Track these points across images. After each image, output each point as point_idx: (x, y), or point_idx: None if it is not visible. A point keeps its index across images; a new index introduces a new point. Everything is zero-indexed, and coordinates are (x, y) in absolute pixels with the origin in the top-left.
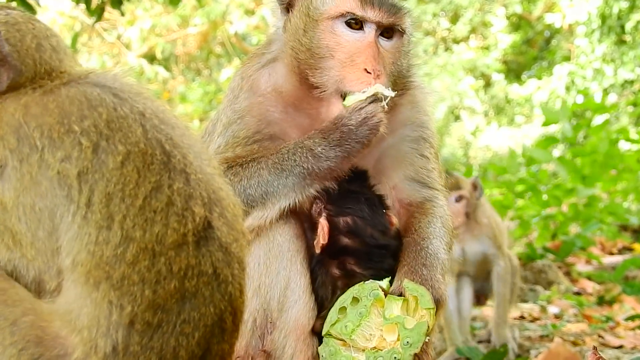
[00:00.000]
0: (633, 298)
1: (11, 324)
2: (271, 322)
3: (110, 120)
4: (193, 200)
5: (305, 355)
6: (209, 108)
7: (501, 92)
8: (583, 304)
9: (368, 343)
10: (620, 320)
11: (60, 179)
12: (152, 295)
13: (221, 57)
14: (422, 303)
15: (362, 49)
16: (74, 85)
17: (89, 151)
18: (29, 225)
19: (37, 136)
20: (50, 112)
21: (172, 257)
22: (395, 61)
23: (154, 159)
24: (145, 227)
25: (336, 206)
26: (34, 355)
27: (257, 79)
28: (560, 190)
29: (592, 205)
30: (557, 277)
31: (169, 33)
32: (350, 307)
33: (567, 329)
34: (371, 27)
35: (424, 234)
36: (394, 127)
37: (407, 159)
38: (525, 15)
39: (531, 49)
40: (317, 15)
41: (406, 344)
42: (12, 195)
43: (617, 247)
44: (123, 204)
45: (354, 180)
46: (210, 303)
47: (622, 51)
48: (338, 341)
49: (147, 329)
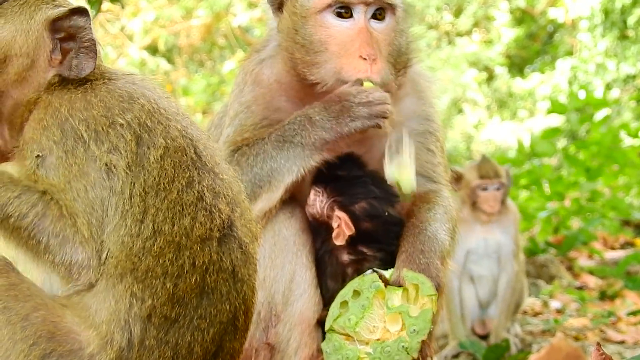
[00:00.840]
0: (635, 293)
1: (22, 319)
2: (275, 315)
3: (153, 112)
4: (219, 198)
5: (310, 349)
6: (212, 100)
7: (504, 86)
8: (585, 298)
9: (372, 335)
10: (622, 315)
11: (109, 170)
12: (173, 288)
13: (224, 49)
14: (424, 290)
15: (354, 36)
16: (112, 82)
17: (133, 144)
18: (84, 208)
19: (82, 129)
20: (93, 106)
21: (196, 251)
22: (391, 41)
23: (188, 156)
24: (174, 220)
25: (346, 196)
26: (45, 350)
27: (260, 72)
28: (562, 185)
29: (594, 200)
30: (559, 272)
31: (172, 25)
32: (351, 300)
33: (569, 324)
34: (360, 12)
35: (423, 218)
36: (400, 119)
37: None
38: (528, 9)
39: (534, 43)
40: (305, 12)
41: (412, 331)
42: (62, 180)
43: (619, 242)
44: (157, 197)
45: (349, 165)
46: (227, 300)
47: (625, 46)
48: (341, 336)
49: (164, 323)
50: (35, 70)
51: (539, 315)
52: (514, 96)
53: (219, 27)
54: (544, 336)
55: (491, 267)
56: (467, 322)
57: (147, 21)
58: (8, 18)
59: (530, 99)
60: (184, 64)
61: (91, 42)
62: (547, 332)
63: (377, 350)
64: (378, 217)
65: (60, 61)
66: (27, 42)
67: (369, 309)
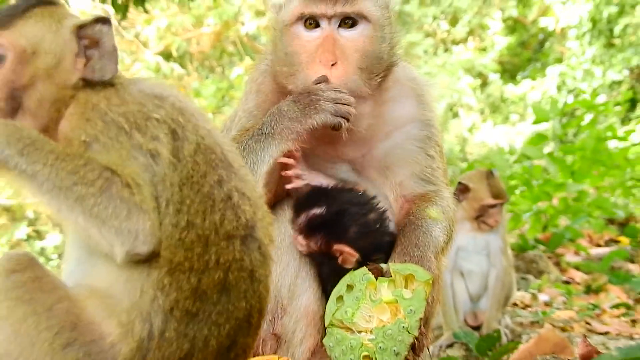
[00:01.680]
0: (618, 287)
1: (47, 310)
2: (282, 307)
3: (182, 110)
4: (244, 199)
5: (314, 339)
6: (222, 103)
7: (497, 91)
8: (571, 292)
9: (369, 324)
10: (606, 308)
11: (153, 156)
12: (197, 283)
13: (233, 56)
14: (419, 276)
15: (319, 45)
16: (141, 83)
17: (170, 137)
18: (144, 179)
19: (122, 121)
20: (129, 102)
21: (222, 248)
22: (363, 48)
23: (216, 156)
24: (205, 214)
25: (337, 230)
26: (68, 340)
27: (262, 81)
28: (550, 185)
29: (580, 200)
30: (547, 267)
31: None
32: (346, 294)
33: (557, 316)
34: (325, 22)
35: (420, 215)
36: (400, 123)
37: (414, 157)
38: (520, 18)
39: (526, 50)
40: (280, 25)
41: (410, 312)
42: (116, 160)
43: (604, 239)
44: (191, 190)
45: (323, 201)
46: (244, 298)
47: (611, 54)
48: (341, 329)
49: (184, 317)
50: (61, 70)
51: (528, 307)
52: (506, 101)
53: (228, 34)
54: (533, 327)
55: (481, 263)
56: (459, 315)
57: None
58: (39, 19)
59: (521, 104)
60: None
61: (113, 48)
62: (536, 324)
63: (379, 335)
64: (372, 231)
65: (85, 64)
66: (55, 42)
67: (363, 300)
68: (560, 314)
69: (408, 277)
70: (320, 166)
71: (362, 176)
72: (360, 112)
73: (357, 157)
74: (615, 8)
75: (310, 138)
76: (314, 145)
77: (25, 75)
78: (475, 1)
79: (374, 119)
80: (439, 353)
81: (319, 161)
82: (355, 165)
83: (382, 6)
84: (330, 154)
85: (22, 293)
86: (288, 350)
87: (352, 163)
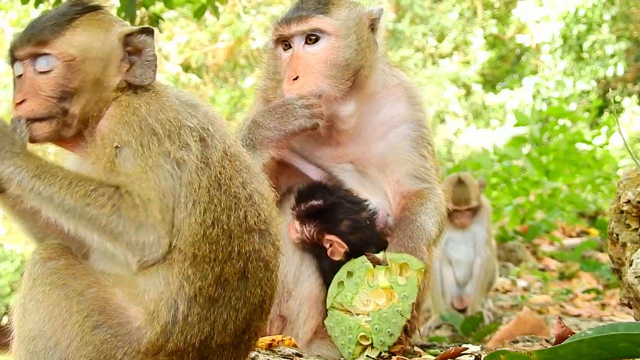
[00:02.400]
0: (589, 274)
1: (78, 294)
2: (287, 292)
3: (212, 119)
4: (262, 199)
5: (317, 321)
6: (235, 110)
7: (479, 100)
8: (547, 278)
9: (366, 307)
10: (578, 293)
11: (179, 164)
12: (220, 272)
13: (245, 68)
14: (412, 265)
15: (288, 63)
16: (177, 91)
17: (199, 145)
18: (157, 195)
19: (158, 127)
20: (166, 109)
21: (244, 240)
22: (326, 58)
23: (240, 163)
24: (230, 212)
25: (330, 221)
26: (97, 322)
27: (266, 92)
28: (527, 183)
29: (554, 196)
30: (525, 256)
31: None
32: (346, 280)
33: (534, 300)
34: (294, 42)
35: (415, 211)
36: (394, 124)
37: (409, 157)
38: (500, 35)
39: (505, 64)
40: (267, 48)
41: (404, 297)
42: (137, 170)
43: (576, 231)
44: (219, 191)
45: (322, 193)
46: (259, 285)
47: (580, 66)
48: (341, 311)
49: (207, 302)
50: (107, 74)
51: (508, 292)
52: (488, 108)
53: (240, 49)
54: (513, 310)
55: (467, 253)
56: (447, 299)
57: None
58: (87, 27)
59: (501, 111)
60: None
61: (153, 56)
62: (515, 307)
63: (375, 317)
64: (363, 227)
65: (127, 70)
66: (103, 49)
67: (361, 285)
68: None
69: (403, 265)
70: (325, 166)
71: (364, 174)
72: (343, 112)
73: (357, 156)
74: (584, 26)
75: (309, 141)
76: (315, 147)
77: (74, 80)
78: (459, 20)
79: (363, 117)
80: (428, 333)
81: (323, 162)
82: (357, 164)
83: (344, 18)
84: (332, 155)
85: (56, 279)
86: (293, 330)
87: (353, 163)
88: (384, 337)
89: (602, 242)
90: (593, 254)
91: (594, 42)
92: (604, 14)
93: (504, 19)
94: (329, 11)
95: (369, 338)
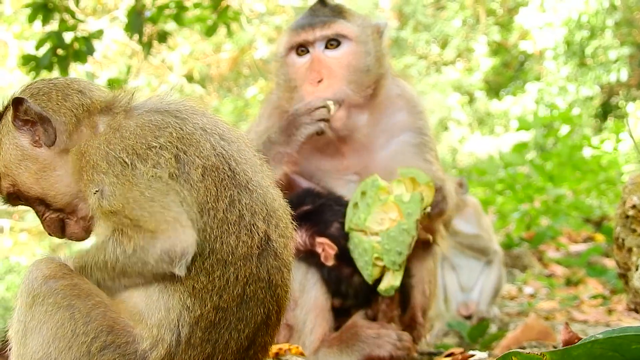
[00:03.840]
0: (595, 280)
1: (85, 316)
2: (294, 300)
3: (181, 137)
4: (257, 216)
5: (323, 329)
6: (239, 120)
7: (483, 107)
8: (553, 285)
9: (381, 226)
10: (585, 298)
11: (156, 179)
12: (218, 299)
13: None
14: (420, 179)
15: (308, 67)
16: (137, 116)
17: (173, 160)
18: (142, 207)
19: (124, 155)
20: (128, 138)
21: (240, 267)
22: (349, 63)
23: (225, 175)
24: (222, 239)
25: (320, 224)
26: (105, 342)
27: (272, 106)
28: (532, 189)
29: (559, 202)
30: (531, 262)
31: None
32: (360, 201)
33: (540, 306)
34: (312, 47)
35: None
36: (395, 132)
37: (414, 164)
38: (503, 42)
39: (508, 70)
40: (279, 57)
41: (408, 214)
42: (120, 200)
43: (582, 236)
44: (209, 216)
45: (311, 198)
46: (262, 305)
47: (583, 72)
48: (359, 232)
49: (208, 326)
50: (37, 160)
51: (514, 299)
52: (491, 115)
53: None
54: (519, 316)
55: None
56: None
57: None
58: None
59: (505, 118)
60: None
61: (37, 115)
62: (522, 313)
63: (384, 237)
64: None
65: (37, 140)
66: (15, 155)
67: (373, 205)
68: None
69: (412, 179)
70: (330, 179)
71: None
72: (357, 121)
73: (362, 167)
74: (587, 32)
75: (315, 154)
76: (321, 160)
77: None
78: (462, 27)
79: (371, 128)
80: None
81: (329, 175)
82: (362, 175)
83: (361, 25)
84: (337, 167)
85: (60, 299)
86: (300, 339)
87: (359, 174)
88: (394, 257)
89: (608, 247)
90: (599, 259)
91: (597, 48)
92: (607, 20)
93: (507, 26)
94: (347, 17)
95: (381, 258)
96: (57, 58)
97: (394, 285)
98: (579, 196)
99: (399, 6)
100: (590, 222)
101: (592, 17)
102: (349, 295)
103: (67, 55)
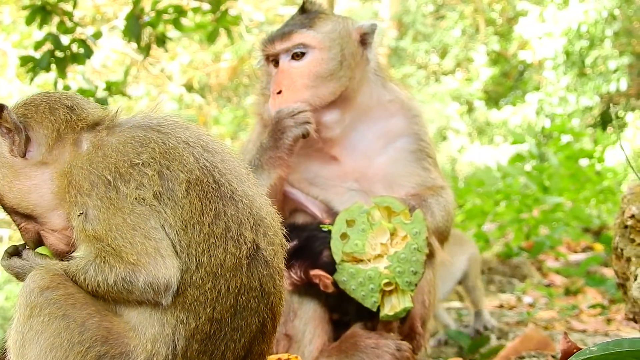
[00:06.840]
0: (594, 289)
1: (79, 325)
2: (293, 311)
3: (164, 152)
4: (243, 226)
5: (322, 340)
6: (238, 129)
7: (482, 117)
8: (552, 294)
9: (375, 252)
10: (584, 308)
11: (139, 202)
12: (212, 312)
13: (248, 87)
14: (394, 207)
15: (273, 79)
16: (119, 133)
17: (156, 178)
18: (124, 237)
19: (107, 174)
20: (110, 155)
21: (230, 278)
22: (310, 71)
23: (209, 187)
24: (210, 252)
25: (310, 257)
26: (99, 352)
27: (258, 107)
28: (529, 199)
29: (557, 211)
30: (530, 272)
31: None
32: (348, 230)
33: (539, 316)
34: (280, 58)
35: (425, 197)
36: (391, 138)
37: (412, 170)
38: (502, 52)
39: (507, 80)
40: (261, 66)
41: (415, 233)
42: (104, 226)
43: (581, 246)
44: (195, 231)
45: (295, 233)
46: (256, 313)
47: (583, 82)
48: (353, 262)
49: (204, 338)
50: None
51: (513, 308)
52: (491, 125)
53: (243, 68)
54: (518, 326)
55: None
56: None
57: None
58: None
59: (504, 127)
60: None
61: (13, 124)
62: (521, 323)
63: (394, 261)
64: None
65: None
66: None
67: (369, 230)
68: (542, 314)
69: (387, 208)
70: (330, 186)
71: (370, 191)
72: (326, 119)
73: (361, 174)
74: (586, 42)
75: (312, 162)
76: (318, 168)
77: None
78: (462, 37)
79: (356, 131)
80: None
81: (328, 182)
82: (362, 182)
83: (330, 31)
84: (336, 173)
85: (55, 309)
86: (299, 349)
87: (358, 181)
88: (409, 277)
89: (607, 257)
90: (598, 269)
91: (597, 58)
92: (607, 30)
93: (506, 36)
94: (313, 25)
95: (393, 282)
96: (55, 60)
97: (407, 307)
98: (578, 205)
99: (399, 16)
100: (590, 232)
101: (592, 27)
102: (350, 313)
103: (65, 57)
